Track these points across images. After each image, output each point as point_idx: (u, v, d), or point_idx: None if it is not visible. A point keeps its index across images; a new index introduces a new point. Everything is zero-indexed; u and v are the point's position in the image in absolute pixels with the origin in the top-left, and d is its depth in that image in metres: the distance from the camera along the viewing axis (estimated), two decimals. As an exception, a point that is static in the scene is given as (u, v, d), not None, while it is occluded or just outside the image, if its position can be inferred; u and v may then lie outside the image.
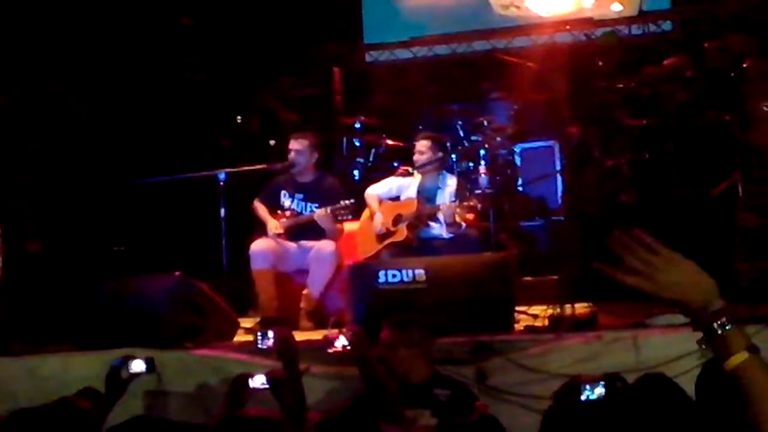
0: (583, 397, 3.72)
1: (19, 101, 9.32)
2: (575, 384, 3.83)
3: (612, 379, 3.80)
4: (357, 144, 9.93)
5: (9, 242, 7.78)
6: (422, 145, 7.77)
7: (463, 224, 7.47)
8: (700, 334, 2.30)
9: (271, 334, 4.63)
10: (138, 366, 4.70)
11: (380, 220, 7.68)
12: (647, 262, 2.33)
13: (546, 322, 6.08)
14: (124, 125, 10.02)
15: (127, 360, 4.71)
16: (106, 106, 9.98)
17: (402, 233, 7.56)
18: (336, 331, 5.12)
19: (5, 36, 9.19)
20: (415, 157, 7.81)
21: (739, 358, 2.25)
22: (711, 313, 2.28)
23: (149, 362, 4.73)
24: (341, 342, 4.66)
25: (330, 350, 4.71)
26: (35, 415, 4.37)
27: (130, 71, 10.13)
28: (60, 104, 9.70)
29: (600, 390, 3.73)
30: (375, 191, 7.96)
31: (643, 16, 10.22)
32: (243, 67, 10.83)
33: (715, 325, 2.26)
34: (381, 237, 7.67)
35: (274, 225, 7.65)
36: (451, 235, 7.49)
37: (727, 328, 2.27)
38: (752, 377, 2.24)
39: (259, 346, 4.67)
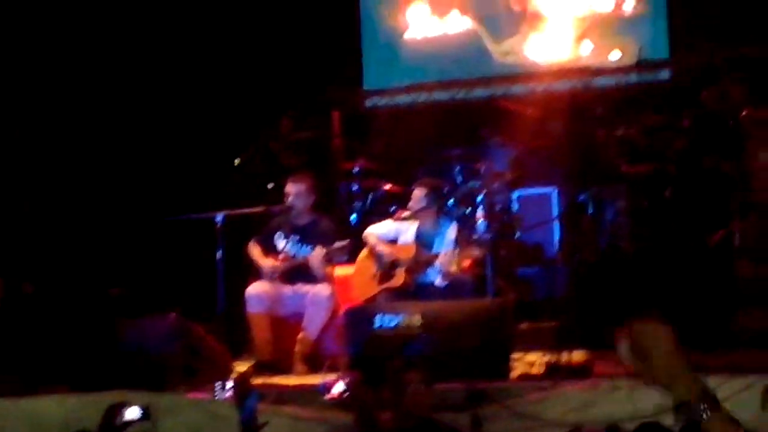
0: None
1: (18, 144, 9.35)
2: None
3: (613, 429, 3.79)
4: (355, 188, 9.94)
5: (5, 283, 7.77)
6: (416, 193, 7.77)
7: (462, 274, 7.46)
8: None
9: (229, 384, 4.59)
10: (132, 413, 4.67)
11: (387, 250, 7.67)
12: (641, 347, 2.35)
13: (542, 369, 6.05)
14: (121, 167, 10.02)
15: (121, 407, 4.68)
16: (102, 148, 9.99)
17: (399, 278, 7.55)
18: (334, 377, 5.10)
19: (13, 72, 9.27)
20: (410, 204, 7.80)
21: None
22: (700, 397, 2.28)
23: (144, 410, 4.71)
24: (338, 388, 4.64)
25: (327, 396, 4.69)
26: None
27: (129, 112, 10.16)
28: (60, 147, 9.72)
29: None
30: (374, 231, 7.96)
31: (641, 64, 10.28)
32: (242, 110, 10.86)
33: (705, 410, 2.26)
34: (378, 280, 7.64)
35: (270, 264, 7.65)
36: (446, 284, 7.47)
37: (714, 411, 2.26)
38: None
39: (217, 398, 4.63)
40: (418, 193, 7.75)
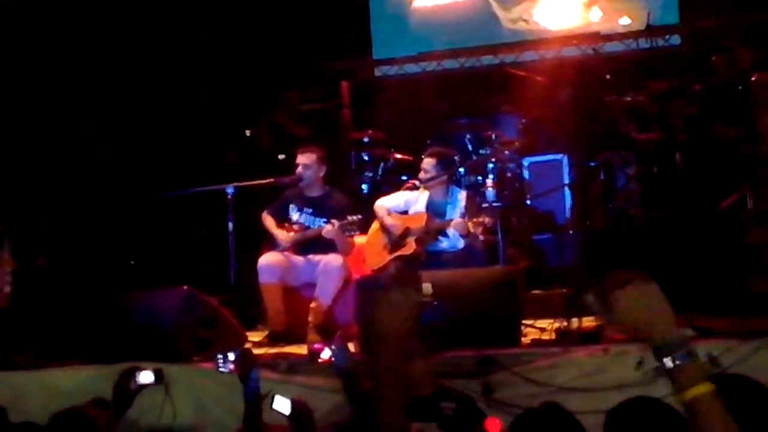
0: None
1: (32, 118, 9.38)
2: None
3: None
4: (365, 158, 9.94)
5: (19, 257, 7.83)
6: (426, 162, 7.75)
7: (480, 236, 7.42)
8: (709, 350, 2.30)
9: (232, 356, 4.61)
10: (146, 377, 4.72)
11: (395, 224, 7.67)
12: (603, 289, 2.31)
13: (553, 336, 6.07)
14: (133, 141, 10.05)
15: (135, 371, 4.72)
16: (115, 122, 10.02)
17: (411, 247, 7.55)
18: (321, 344, 5.12)
19: (20, 55, 9.29)
20: (421, 175, 7.79)
21: (697, 390, 2.22)
22: (668, 343, 2.24)
23: (157, 373, 4.75)
24: (326, 354, 4.65)
25: (319, 361, 4.72)
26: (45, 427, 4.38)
27: (140, 88, 10.18)
28: (72, 121, 9.75)
29: None
30: (384, 203, 7.96)
31: (650, 30, 10.24)
32: (252, 82, 10.87)
33: (672, 356, 2.23)
34: (389, 249, 7.66)
35: (283, 236, 7.67)
36: (466, 245, 7.46)
37: (685, 359, 2.23)
38: (708, 411, 2.21)
39: (221, 369, 4.65)
40: (428, 163, 7.74)
